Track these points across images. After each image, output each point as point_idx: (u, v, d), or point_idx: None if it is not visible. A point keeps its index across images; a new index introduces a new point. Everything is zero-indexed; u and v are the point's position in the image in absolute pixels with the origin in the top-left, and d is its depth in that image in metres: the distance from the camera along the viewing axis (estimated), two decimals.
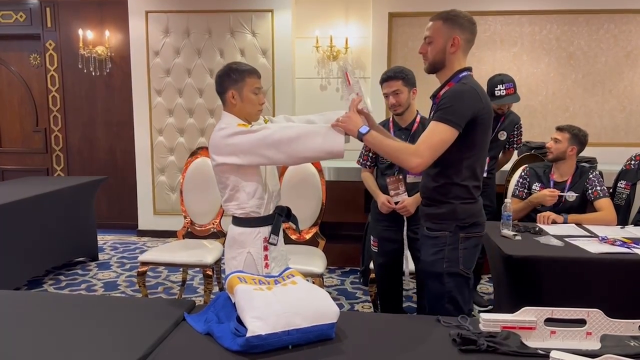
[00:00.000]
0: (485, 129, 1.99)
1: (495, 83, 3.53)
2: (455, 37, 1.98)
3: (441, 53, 2.01)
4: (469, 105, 1.90)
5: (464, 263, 2.03)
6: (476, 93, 1.94)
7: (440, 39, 2.00)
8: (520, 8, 5.25)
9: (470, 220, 2.02)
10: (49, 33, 5.88)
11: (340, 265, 4.72)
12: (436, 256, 2.04)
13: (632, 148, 4.33)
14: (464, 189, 2.00)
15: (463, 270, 2.03)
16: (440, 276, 2.03)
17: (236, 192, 2.14)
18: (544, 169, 3.22)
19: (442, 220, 2.03)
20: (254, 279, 1.67)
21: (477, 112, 1.91)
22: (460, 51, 2.00)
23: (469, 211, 2.02)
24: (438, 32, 2.00)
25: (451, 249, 2.02)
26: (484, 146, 2.04)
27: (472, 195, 2.03)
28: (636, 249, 2.46)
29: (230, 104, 2.15)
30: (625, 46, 5.24)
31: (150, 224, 5.84)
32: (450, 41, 1.98)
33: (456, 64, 2.02)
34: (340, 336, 1.57)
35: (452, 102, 1.90)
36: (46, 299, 2.15)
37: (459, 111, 1.89)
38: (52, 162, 6.13)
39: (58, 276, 4.49)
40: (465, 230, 2.02)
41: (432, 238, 2.06)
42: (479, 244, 2.10)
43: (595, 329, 1.48)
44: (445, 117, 1.88)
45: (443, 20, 2.00)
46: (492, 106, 2.07)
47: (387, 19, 5.38)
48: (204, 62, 5.54)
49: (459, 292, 2.04)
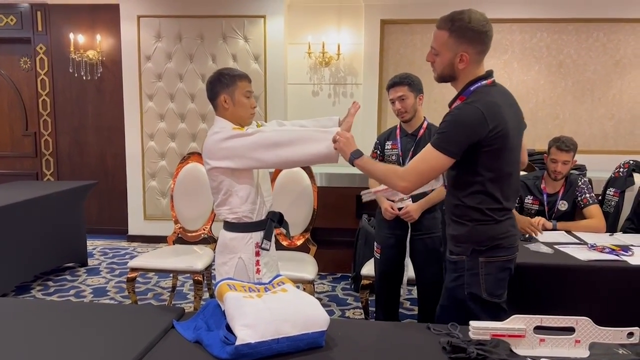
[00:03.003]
0: (496, 151, 1.78)
1: None
2: (463, 54, 1.79)
3: (449, 67, 1.83)
4: (467, 133, 1.75)
5: (488, 289, 1.85)
6: (481, 116, 1.73)
7: (447, 54, 1.82)
8: (511, 16, 5.30)
9: (490, 243, 1.84)
10: (39, 37, 5.84)
11: (331, 271, 4.71)
12: (456, 282, 1.91)
13: (621, 156, 4.36)
14: (478, 212, 1.84)
15: (488, 297, 1.86)
16: (463, 302, 1.88)
17: (229, 196, 2.14)
18: (534, 181, 3.19)
19: (459, 242, 1.90)
20: (244, 287, 1.67)
21: (480, 138, 1.74)
22: (472, 65, 1.81)
23: (487, 233, 1.84)
24: (444, 45, 1.81)
25: (471, 274, 1.87)
26: (502, 169, 1.83)
27: (490, 216, 1.84)
28: (625, 256, 2.48)
29: (223, 109, 2.16)
30: (614, 55, 5.30)
31: (141, 229, 5.80)
32: (458, 57, 1.80)
33: (470, 75, 1.83)
34: (330, 344, 1.56)
35: (448, 128, 1.77)
36: (34, 306, 2.12)
37: (454, 139, 1.76)
38: (42, 166, 6.08)
39: (46, 282, 4.44)
40: (485, 254, 1.85)
41: (453, 263, 1.94)
42: (508, 268, 1.90)
43: (583, 336, 1.49)
44: (440, 144, 1.77)
45: (449, 32, 1.79)
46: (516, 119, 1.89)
47: (379, 26, 5.41)
48: (196, 67, 5.53)
49: (489, 317, 1.73)
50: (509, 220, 1.89)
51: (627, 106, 5.35)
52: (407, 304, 3.98)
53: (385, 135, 3.00)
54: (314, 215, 3.56)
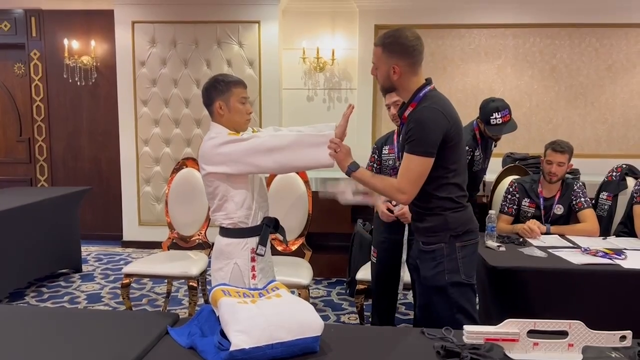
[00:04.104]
0: (455, 145, 1.97)
1: (489, 111, 3.26)
2: (395, 66, 1.96)
3: (387, 80, 2.01)
4: (436, 130, 1.90)
5: (465, 272, 2.02)
6: (440, 113, 1.92)
7: (383, 67, 2.00)
8: (505, 21, 5.34)
9: (463, 228, 2.03)
10: (33, 42, 5.83)
11: (326, 276, 4.71)
12: (436, 269, 2.03)
13: (614, 159, 4.39)
14: (449, 201, 2.01)
15: (465, 279, 2.02)
16: (444, 289, 2.02)
17: (225, 202, 2.14)
18: (531, 184, 3.20)
19: (436, 232, 2.03)
20: (238, 292, 1.67)
21: (444, 134, 1.91)
22: (405, 75, 1.98)
23: (460, 219, 2.02)
24: (380, 59, 2.00)
25: (450, 259, 2.01)
26: (461, 160, 2.04)
27: (459, 203, 2.03)
28: (618, 260, 2.50)
29: (218, 115, 2.16)
30: (606, 59, 5.34)
31: (135, 234, 5.78)
32: (391, 69, 1.97)
33: (409, 85, 2.00)
34: (324, 349, 1.56)
35: (418, 132, 1.91)
36: (28, 312, 2.11)
37: (428, 139, 1.90)
38: (36, 172, 6.05)
39: (40, 288, 4.42)
40: (460, 238, 2.02)
41: (429, 252, 2.06)
42: (476, 251, 2.10)
43: (577, 340, 1.50)
44: (416, 149, 1.91)
45: (382, 48, 1.98)
46: (460, 121, 2.04)
47: (374, 31, 5.43)
48: (191, 73, 5.54)
49: (467, 300, 2.04)
50: (470, 206, 2.10)
51: (619, 110, 5.39)
52: (402, 308, 3.98)
53: (383, 140, 3.01)
54: (309, 220, 3.56)
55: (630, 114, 5.39)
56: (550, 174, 3.09)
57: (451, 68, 5.41)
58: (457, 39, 5.39)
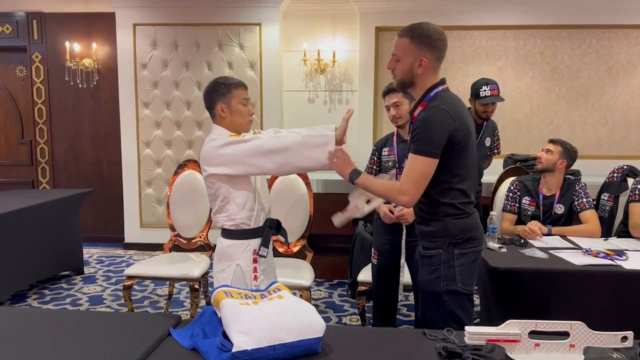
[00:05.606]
0: (462, 149, 1.92)
1: (479, 85, 3.57)
2: (423, 58, 1.92)
3: (409, 73, 1.96)
4: (441, 130, 1.86)
5: (462, 280, 1.98)
6: (447, 114, 1.87)
7: (408, 59, 1.94)
8: (505, 23, 5.35)
9: (464, 235, 1.97)
10: (35, 45, 5.85)
11: (328, 277, 4.71)
12: (432, 275, 2.00)
13: (615, 160, 4.39)
14: (451, 207, 1.96)
15: (462, 288, 1.98)
16: (439, 295, 1.99)
17: (226, 203, 2.14)
18: (532, 182, 3.22)
19: (435, 238, 1.99)
20: (240, 294, 1.67)
21: (451, 133, 1.87)
22: (429, 70, 1.94)
23: (461, 226, 1.97)
24: (405, 51, 1.94)
25: (447, 266, 1.97)
26: (467, 165, 1.98)
27: (462, 210, 1.97)
28: (619, 261, 2.50)
29: (220, 118, 2.17)
30: (607, 60, 5.34)
31: (137, 237, 5.79)
32: (417, 62, 1.92)
33: (427, 82, 1.96)
34: (326, 350, 1.56)
35: (424, 132, 1.87)
36: (30, 315, 2.12)
37: (433, 140, 1.86)
38: (38, 174, 6.06)
39: (42, 290, 4.43)
40: (460, 246, 1.97)
41: (427, 257, 2.02)
42: (477, 259, 2.04)
43: (578, 341, 1.50)
44: (421, 149, 1.87)
45: (410, 39, 1.93)
46: (471, 121, 2.01)
47: (374, 32, 5.44)
48: (192, 75, 5.55)
49: (461, 308, 1.99)
50: (476, 213, 2.03)
51: (620, 111, 5.39)
52: (403, 310, 3.98)
53: (382, 142, 3.02)
54: (310, 221, 3.56)
55: (631, 115, 5.39)
56: (538, 161, 3.17)
57: (452, 69, 5.42)
58: (458, 40, 5.40)
